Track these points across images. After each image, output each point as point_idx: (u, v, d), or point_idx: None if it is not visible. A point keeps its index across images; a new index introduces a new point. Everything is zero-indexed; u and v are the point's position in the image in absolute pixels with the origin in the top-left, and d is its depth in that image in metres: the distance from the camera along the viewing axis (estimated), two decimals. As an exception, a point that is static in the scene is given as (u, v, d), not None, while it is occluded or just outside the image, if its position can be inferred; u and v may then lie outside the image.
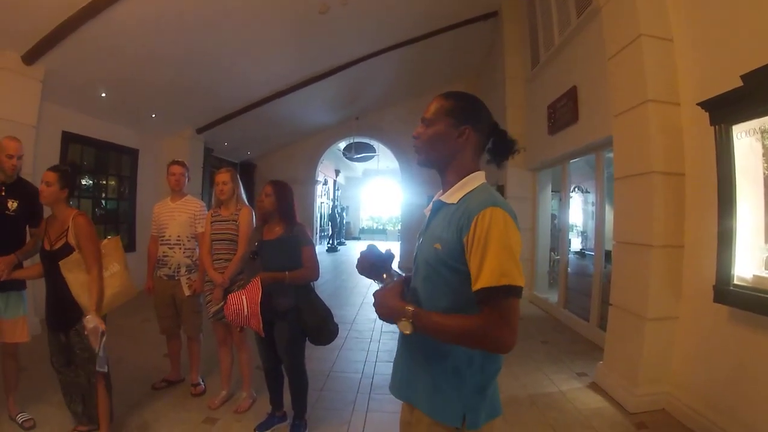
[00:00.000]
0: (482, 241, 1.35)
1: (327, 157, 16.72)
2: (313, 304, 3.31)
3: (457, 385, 1.48)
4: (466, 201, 1.48)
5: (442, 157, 1.59)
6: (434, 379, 1.51)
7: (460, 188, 1.54)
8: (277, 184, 3.35)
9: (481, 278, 1.34)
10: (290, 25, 7.17)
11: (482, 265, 1.34)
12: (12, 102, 5.51)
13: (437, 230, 1.52)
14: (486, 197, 1.44)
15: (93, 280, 2.97)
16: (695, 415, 3.49)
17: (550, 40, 7.32)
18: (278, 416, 3.60)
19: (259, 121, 10.78)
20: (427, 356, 1.54)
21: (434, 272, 1.50)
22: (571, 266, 7.59)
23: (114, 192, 8.96)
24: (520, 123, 8.67)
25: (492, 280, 1.32)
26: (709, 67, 3.55)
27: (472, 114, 1.58)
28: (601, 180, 6.04)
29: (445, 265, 1.46)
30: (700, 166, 3.61)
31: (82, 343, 2.97)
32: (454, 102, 1.59)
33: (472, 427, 1.47)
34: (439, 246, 1.47)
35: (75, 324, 2.99)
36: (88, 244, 2.99)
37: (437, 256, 1.48)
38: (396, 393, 1.69)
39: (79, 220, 3.00)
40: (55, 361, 3.15)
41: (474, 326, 1.36)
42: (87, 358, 2.99)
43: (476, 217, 1.38)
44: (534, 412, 3.88)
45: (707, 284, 3.31)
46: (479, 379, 1.49)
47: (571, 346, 5.76)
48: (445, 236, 1.46)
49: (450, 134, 1.56)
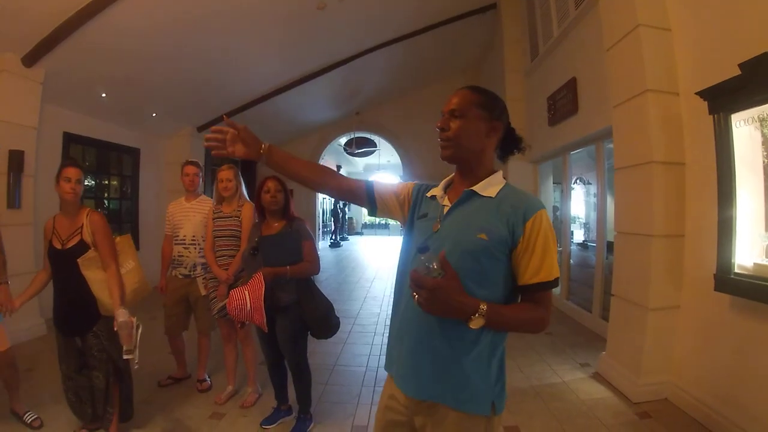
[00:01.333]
0: (542, 240, 1.48)
1: (328, 153, 16.69)
2: (315, 297, 3.32)
3: (486, 374, 1.52)
4: (508, 197, 1.56)
5: (470, 151, 1.59)
6: (465, 373, 1.50)
7: (492, 183, 1.59)
8: (281, 180, 3.35)
9: (541, 273, 1.48)
10: (289, 21, 7.16)
11: (542, 262, 1.48)
12: (12, 104, 5.52)
13: (478, 220, 1.52)
14: (532, 197, 1.56)
15: (113, 276, 2.95)
16: (698, 404, 3.51)
17: (548, 31, 7.30)
18: (284, 410, 3.63)
19: (260, 118, 10.77)
20: (455, 351, 1.51)
21: (473, 261, 1.48)
22: (574, 257, 7.60)
23: (116, 192, 8.97)
24: (520, 115, 8.65)
25: (550, 275, 1.49)
26: (707, 56, 3.55)
27: (502, 112, 1.63)
28: (602, 171, 6.04)
29: (489, 254, 1.48)
30: (699, 155, 3.61)
31: (100, 344, 2.95)
32: (484, 96, 1.60)
33: (499, 411, 1.55)
34: (486, 237, 1.47)
35: (93, 326, 2.96)
36: (105, 241, 2.98)
37: (482, 247, 1.47)
38: (416, 394, 1.59)
39: (94, 217, 3.00)
40: (65, 367, 3.06)
41: (539, 315, 1.51)
42: (105, 359, 2.97)
43: (533, 217, 1.48)
44: (537, 403, 3.91)
45: (708, 273, 3.32)
46: (499, 366, 1.56)
47: (574, 337, 5.78)
48: (492, 228, 1.49)
49: (481, 128, 1.58)
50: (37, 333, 5.58)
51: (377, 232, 27.38)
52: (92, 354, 2.96)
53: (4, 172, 5.36)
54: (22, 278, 3.39)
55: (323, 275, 10.13)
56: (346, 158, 19.87)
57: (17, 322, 4.95)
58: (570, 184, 7.48)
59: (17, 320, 3.40)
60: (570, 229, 7.57)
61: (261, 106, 9.89)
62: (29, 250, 5.50)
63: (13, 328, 4.96)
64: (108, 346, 2.96)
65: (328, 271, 11.48)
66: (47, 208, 5.92)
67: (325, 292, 3.46)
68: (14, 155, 5.44)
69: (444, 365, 1.53)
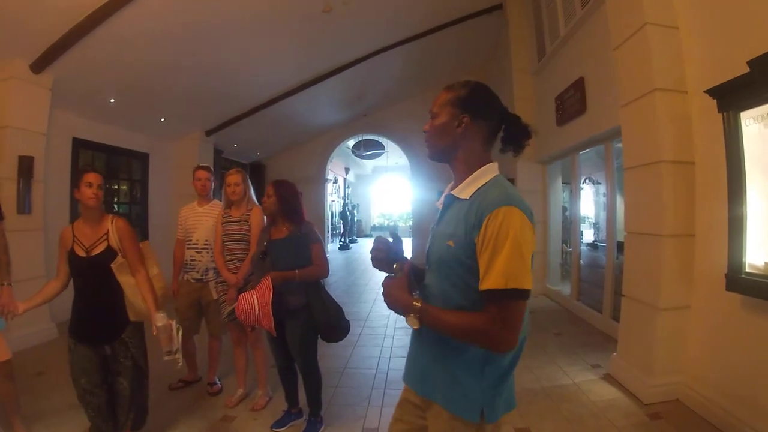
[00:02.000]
0: (492, 241, 1.34)
1: (336, 156, 16.74)
2: (324, 301, 3.33)
3: (476, 381, 1.49)
4: (479, 196, 1.46)
5: (446, 148, 1.59)
6: (453, 375, 1.52)
7: (471, 182, 1.52)
8: (277, 185, 3.35)
9: (488, 279, 1.35)
10: (295, 25, 7.18)
11: (490, 267, 1.34)
12: (22, 110, 5.58)
13: (450, 226, 1.52)
14: (499, 194, 1.42)
15: (144, 281, 2.91)
16: (710, 405, 3.48)
17: (555, 31, 7.29)
18: (294, 413, 3.64)
19: (268, 122, 10.82)
20: (445, 351, 1.54)
21: (448, 268, 1.50)
22: (584, 258, 7.56)
23: (126, 196, 9.05)
24: (528, 115, 8.56)
25: (499, 283, 1.32)
26: (715, 53, 3.52)
27: (472, 102, 1.55)
28: (611, 170, 6.01)
29: (459, 261, 1.46)
30: (709, 154, 3.58)
31: (128, 351, 2.89)
32: (455, 92, 1.58)
33: (490, 420, 1.49)
34: (452, 243, 1.47)
35: (122, 332, 2.88)
36: (132, 246, 2.94)
37: (451, 253, 1.48)
38: (412, 385, 1.70)
39: (120, 223, 2.93)
40: (86, 381, 2.83)
41: (477, 325, 1.37)
42: (131, 366, 2.90)
43: (488, 215, 1.37)
44: (548, 405, 3.89)
45: (719, 273, 3.29)
46: (497, 374, 1.50)
47: (585, 338, 5.76)
48: (458, 233, 1.46)
49: (450, 124, 1.56)
50: (47, 337, 5.62)
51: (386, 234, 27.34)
52: (119, 361, 2.88)
53: (14, 178, 5.41)
54: (31, 283, 3.38)
55: (332, 278, 10.15)
56: (355, 160, 19.92)
57: (27, 326, 5.03)
58: (579, 184, 7.45)
59: (27, 324, 3.37)
60: (579, 229, 7.53)
61: (269, 109, 9.92)
62: (39, 255, 5.55)
63: (24, 332, 5.02)
64: (135, 352, 2.91)
65: (338, 274, 11.49)
66: (57, 213, 6.00)
67: (334, 294, 3.47)
68: (24, 161, 5.48)
69: (434, 366, 1.58)
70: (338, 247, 19.16)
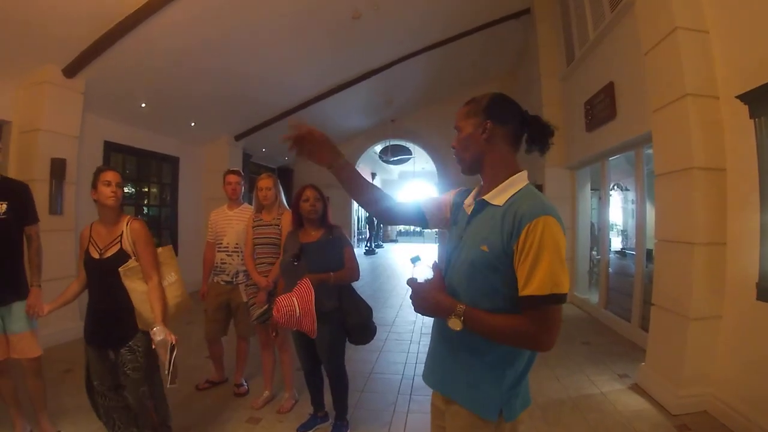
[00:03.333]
0: (534, 249, 1.38)
1: (363, 161, 16.83)
2: (357, 303, 3.38)
3: (496, 382, 1.52)
4: (514, 204, 1.49)
5: (475, 157, 1.63)
6: (474, 375, 1.55)
7: (504, 189, 1.56)
8: (318, 188, 3.42)
9: (530, 285, 1.38)
10: (324, 31, 7.28)
11: (533, 274, 1.38)
12: (55, 114, 5.74)
13: (483, 231, 1.54)
14: (536, 203, 1.46)
15: (154, 289, 2.74)
16: (739, 417, 3.39)
17: (584, 35, 7.21)
18: (320, 417, 3.66)
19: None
20: (468, 352, 1.57)
21: (479, 273, 1.52)
22: (612, 266, 7.44)
23: (155, 199, 9.25)
24: (557, 121, 8.27)
25: (544, 289, 1.36)
26: (746, 58, 3.45)
27: (493, 108, 1.60)
28: (641, 177, 5.92)
29: (492, 267, 1.48)
30: (740, 160, 3.51)
31: (136, 362, 2.73)
32: (474, 103, 1.64)
33: (509, 419, 1.52)
34: (487, 248, 1.49)
35: (129, 340, 2.73)
36: (147, 250, 2.79)
37: (484, 258, 1.50)
38: (432, 385, 1.74)
39: (135, 225, 2.81)
40: (99, 384, 2.83)
41: (521, 328, 1.41)
42: (139, 379, 2.74)
43: (528, 224, 1.40)
44: (575, 414, 3.84)
45: (750, 282, 3.23)
46: (516, 375, 1.54)
47: (613, 347, 5.66)
48: (492, 239, 1.48)
49: (475, 134, 1.60)
50: (76, 335, 5.65)
51: (412, 239, 27.33)
52: (125, 372, 2.74)
53: (46, 180, 5.58)
54: (62, 282, 3.42)
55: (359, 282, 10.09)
56: (382, 166, 19.97)
57: (57, 323, 5.16)
58: (608, 190, 7.35)
59: (57, 322, 3.41)
60: (608, 236, 7.42)
61: (296, 114, 10.04)
62: (70, 256, 5.69)
63: (53, 330, 5.15)
64: (145, 363, 2.76)
65: (364, 279, 11.48)
66: (88, 215, 6.14)
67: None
68: (56, 163, 5.65)
69: (456, 366, 1.61)
70: (364, 252, 19.22)
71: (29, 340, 3.18)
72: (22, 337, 3.15)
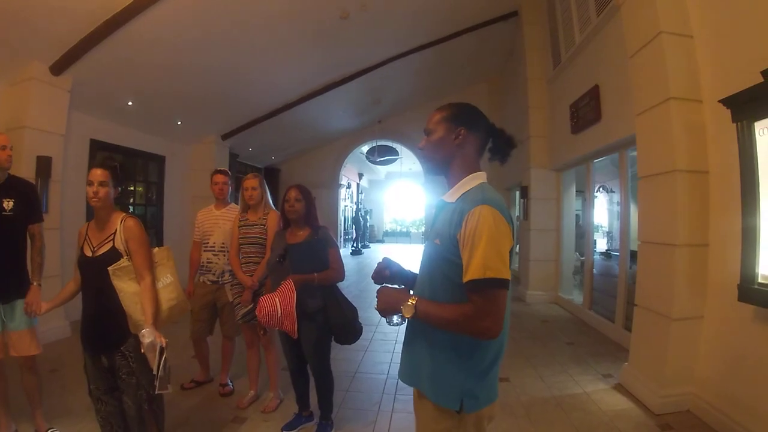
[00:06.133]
0: (471, 237, 1.49)
1: (350, 161, 16.85)
2: (340, 303, 3.37)
3: (457, 372, 1.61)
4: (463, 199, 1.62)
5: (442, 160, 1.76)
6: (436, 365, 1.65)
7: (459, 188, 1.69)
8: (303, 189, 3.42)
9: (469, 271, 1.49)
10: (311, 31, 7.26)
11: (471, 259, 1.49)
12: (41, 111, 5.68)
13: (438, 227, 1.68)
14: (478, 196, 1.58)
15: (146, 289, 2.61)
16: (721, 416, 3.45)
17: (570, 39, 7.28)
18: (305, 416, 3.66)
19: (283, 127, 10.92)
20: (430, 344, 1.68)
21: (436, 266, 1.65)
22: (597, 267, 7.51)
23: (141, 198, 9.17)
24: (542, 123, 8.65)
25: (478, 273, 1.46)
26: (730, 63, 3.51)
27: (466, 117, 1.74)
28: (626, 179, 5.98)
29: (444, 259, 1.60)
30: (723, 163, 3.57)
31: (129, 367, 2.61)
32: (449, 110, 1.76)
33: (470, 410, 1.61)
34: (438, 242, 1.63)
35: (121, 344, 2.62)
36: (140, 249, 2.65)
37: (437, 251, 1.64)
38: (404, 379, 1.83)
39: (129, 223, 2.68)
40: (95, 388, 2.71)
41: (462, 314, 1.51)
42: (135, 383, 2.63)
43: (467, 214, 1.52)
44: (559, 413, 3.87)
45: (732, 283, 3.27)
46: (478, 367, 1.62)
47: (597, 347, 5.72)
48: (443, 231, 1.62)
49: (448, 137, 1.73)
50: (61, 335, 5.73)
51: (398, 240, 27.35)
52: (120, 377, 2.63)
53: (32, 178, 5.46)
54: (46, 282, 3.39)
55: (345, 282, 10.10)
56: (369, 166, 19.94)
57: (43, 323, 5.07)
58: (593, 192, 7.41)
59: (43, 321, 3.37)
60: (593, 237, 7.49)
61: (284, 114, 10.04)
62: (56, 254, 5.62)
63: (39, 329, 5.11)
64: (137, 369, 2.62)
65: (350, 279, 11.50)
66: (73, 213, 6.09)
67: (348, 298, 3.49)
68: (42, 161, 5.59)
69: (420, 358, 1.72)
70: (350, 252, 19.21)
71: (29, 337, 3.20)
72: (22, 335, 3.16)
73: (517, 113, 9.56)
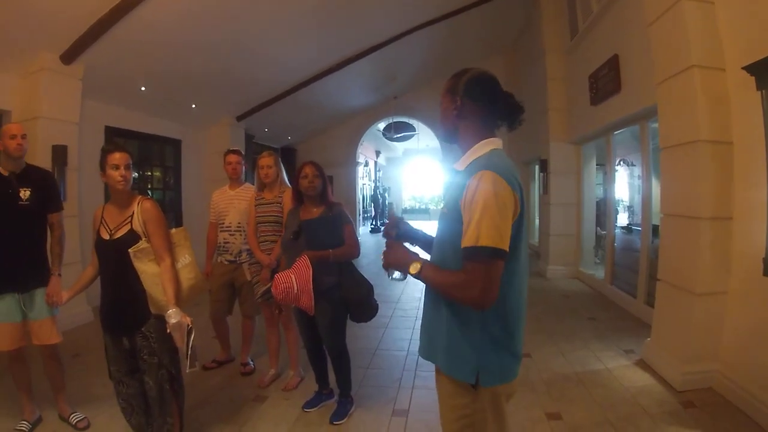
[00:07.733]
0: (470, 204, 1.48)
1: (367, 139, 16.71)
2: (356, 279, 3.39)
3: (470, 343, 1.60)
4: (470, 167, 1.61)
5: (449, 130, 1.78)
6: (450, 338, 1.64)
7: (468, 156, 1.68)
8: (317, 165, 3.41)
9: (464, 238, 1.47)
10: (322, 7, 7.15)
11: (468, 226, 1.46)
12: (54, 101, 5.70)
13: (447, 194, 1.70)
14: (483, 163, 1.56)
15: (167, 270, 2.65)
16: (744, 394, 3.38)
17: (587, 8, 7.09)
18: (325, 394, 3.70)
19: (298, 106, 10.86)
20: (445, 317, 1.65)
21: (445, 234, 1.65)
22: (618, 241, 7.41)
23: (159, 182, 9.26)
24: (561, 95, 8.48)
25: (471, 241, 1.44)
26: (753, 29, 3.35)
27: (465, 86, 1.70)
28: (647, 152, 5.85)
29: (449, 226, 1.60)
30: (747, 133, 3.43)
31: (150, 347, 2.66)
32: (452, 79, 1.76)
33: (486, 384, 1.59)
34: (446, 210, 1.65)
35: (142, 325, 2.66)
36: (158, 231, 2.68)
37: (445, 219, 1.65)
38: (422, 353, 1.83)
39: (146, 205, 2.70)
40: (116, 370, 2.76)
41: (453, 281, 1.51)
42: (156, 363, 2.68)
43: (470, 179, 1.51)
44: (580, 390, 3.85)
45: (757, 257, 3.18)
46: (488, 339, 1.59)
47: (618, 322, 5.66)
48: (449, 200, 1.63)
49: (449, 108, 1.73)
50: (83, 320, 5.84)
51: (417, 217, 27.27)
52: (142, 357, 2.68)
53: (48, 166, 5.51)
54: (66, 269, 3.43)
55: (364, 260, 10.17)
56: (386, 144, 19.81)
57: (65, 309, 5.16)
58: (614, 165, 7.28)
59: (65, 308, 3.41)
60: (614, 211, 7.38)
61: (299, 93, 9.96)
62: (75, 242, 5.70)
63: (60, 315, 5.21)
64: (158, 349, 2.67)
65: (369, 257, 11.50)
66: (91, 200, 6.14)
67: (366, 276, 3.49)
68: (57, 150, 5.63)
69: (436, 332, 1.71)
70: (369, 230, 19.22)
71: (49, 326, 3.22)
72: (43, 324, 3.18)
73: (534, 86, 9.36)
